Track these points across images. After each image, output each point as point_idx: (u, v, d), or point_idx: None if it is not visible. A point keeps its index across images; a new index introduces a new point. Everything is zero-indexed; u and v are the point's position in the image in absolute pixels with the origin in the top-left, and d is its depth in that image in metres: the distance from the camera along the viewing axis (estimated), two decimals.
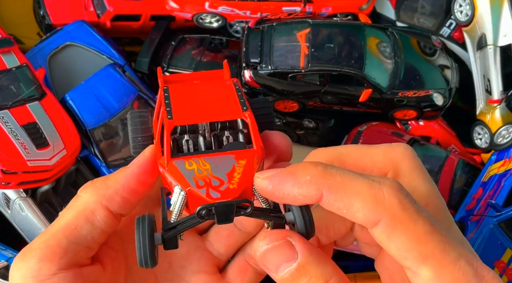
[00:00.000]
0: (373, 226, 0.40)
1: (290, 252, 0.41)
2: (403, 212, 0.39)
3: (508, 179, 1.28)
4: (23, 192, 1.25)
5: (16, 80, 1.27)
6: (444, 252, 0.39)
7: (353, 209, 0.40)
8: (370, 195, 0.40)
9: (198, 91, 0.52)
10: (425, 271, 0.39)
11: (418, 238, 0.39)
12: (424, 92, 1.38)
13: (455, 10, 1.47)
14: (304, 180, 0.41)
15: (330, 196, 0.40)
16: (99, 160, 1.36)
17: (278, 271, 0.41)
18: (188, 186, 0.43)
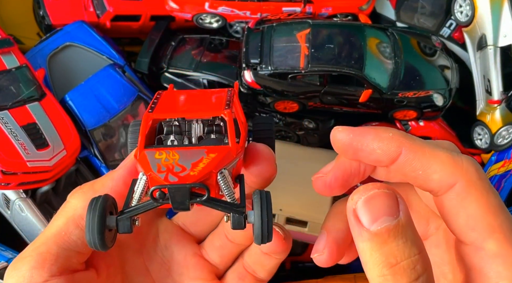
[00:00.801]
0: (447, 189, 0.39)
1: (394, 207, 0.38)
2: (480, 180, 0.39)
3: (508, 180, 1.28)
4: (23, 193, 1.25)
5: (16, 80, 1.27)
6: (510, 231, 0.38)
7: (430, 170, 0.40)
8: (449, 159, 0.40)
9: (189, 95, 0.53)
10: (491, 244, 0.38)
11: (489, 209, 0.38)
12: (424, 93, 1.38)
13: (455, 11, 1.47)
14: (386, 135, 0.41)
15: (409, 154, 0.40)
16: (99, 161, 1.36)
17: (373, 223, 0.38)
18: (149, 171, 0.43)
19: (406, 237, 0.38)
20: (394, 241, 0.37)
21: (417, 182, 0.41)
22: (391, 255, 0.37)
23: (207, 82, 1.45)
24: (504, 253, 0.38)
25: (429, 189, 0.41)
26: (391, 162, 0.41)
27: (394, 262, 0.37)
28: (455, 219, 0.40)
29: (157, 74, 1.48)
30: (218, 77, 1.44)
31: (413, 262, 0.37)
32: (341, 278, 1.29)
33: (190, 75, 1.46)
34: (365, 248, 0.38)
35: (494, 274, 0.38)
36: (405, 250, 0.37)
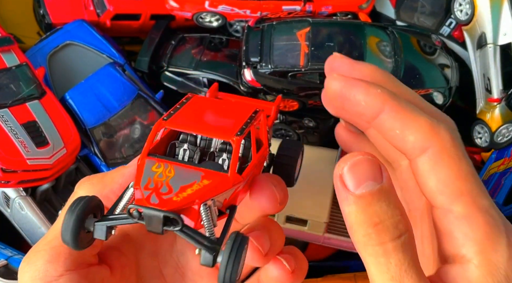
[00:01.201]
0: (421, 153, 0.42)
1: (378, 172, 0.41)
2: (453, 147, 0.42)
3: (508, 178, 1.28)
4: (22, 191, 1.25)
5: (16, 79, 1.27)
6: (479, 196, 0.41)
7: (407, 131, 0.42)
8: (427, 124, 0.42)
9: (215, 107, 0.52)
10: (458, 207, 0.40)
11: (459, 175, 0.41)
12: (424, 91, 1.38)
13: (455, 9, 1.47)
14: (374, 91, 0.45)
15: (391, 112, 0.43)
16: (99, 159, 1.36)
17: (358, 187, 0.40)
18: (138, 184, 0.43)
19: (389, 200, 0.40)
20: (377, 203, 0.40)
21: (394, 141, 0.44)
22: (375, 215, 0.40)
23: (207, 81, 1.45)
24: (470, 215, 0.40)
25: (404, 150, 0.43)
26: (373, 117, 0.44)
27: (378, 221, 0.39)
28: (427, 182, 0.42)
29: (157, 73, 1.48)
30: (218, 76, 1.44)
31: (396, 221, 0.40)
32: (341, 277, 1.29)
33: (190, 74, 1.46)
34: (350, 211, 0.41)
35: (461, 236, 0.40)
36: (388, 211, 0.40)
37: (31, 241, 1.27)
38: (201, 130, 0.46)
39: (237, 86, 1.41)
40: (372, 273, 0.40)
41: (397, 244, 0.39)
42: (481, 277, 0.39)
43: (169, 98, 1.46)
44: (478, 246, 0.40)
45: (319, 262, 1.53)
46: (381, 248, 0.39)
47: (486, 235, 0.40)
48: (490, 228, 0.40)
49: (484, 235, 0.40)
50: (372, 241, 0.40)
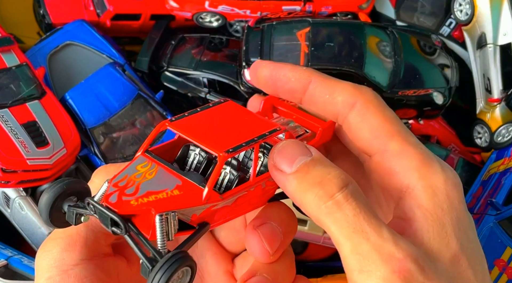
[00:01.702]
0: (350, 109, 0.46)
1: (304, 149, 0.44)
2: (376, 99, 0.47)
3: (508, 178, 1.28)
4: (22, 191, 1.25)
5: (16, 79, 1.27)
6: (407, 134, 0.46)
7: (335, 93, 0.47)
8: (350, 85, 0.48)
9: (234, 118, 0.49)
10: (393, 145, 0.44)
11: (386, 119, 0.46)
12: (424, 91, 1.38)
13: (455, 9, 1.47)
14: (300, 67, 0.50)
15: (318, 81, 0.48)
16: (99, 159, 1.36)
17: (293, 164, 0.42)
18: (111, 180, 0.42)
19: (324, 164, 0.42)
20: (315, 168, 0.42)
21: (327, 107, 0.48)
22: (316, 176, 0.41)
23: (207, 81, 1.45)
24: (405, 149, 0.44)
25: (336, 111, 0.47)
26: (304, 90, 0.48)
27: (320, 180, 0.41)
28: (361, 133, 0.46)
29: (157, 73, 1.48)
30: (218, 76, 1.44)
31: (337, 174, 0.41)
32: (341, 277, 1.29)
33: (190, 74, 1.46)
34: (294, 187, 0.42)
35: (401, 168, 0.43)
36: (326, 170, 0.42)
37: (31, 241, 1.27)
38: (196, 138, 0.44)
39: (237, 86, 1.41)
40: (334, 234, 0.40)
41: (347, 193, 0.40)
42: (428, 199, 0.42)
43: (169, 98, 1.47)
44: (418, 172, 0.43)
45: (319, 262, 1.53)
46: (333, 203, 0.40)
47: (422, 163, 0.43)
48: (423, 157, 0.44)
49: (420, 163, 0.43)
50: (323, 199, 0.40)
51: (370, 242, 0.38)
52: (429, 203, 0.42)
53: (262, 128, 0.47)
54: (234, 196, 0.44)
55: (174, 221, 0.41)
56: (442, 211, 0.41)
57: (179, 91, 1.46)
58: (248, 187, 0.45)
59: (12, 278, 1.17)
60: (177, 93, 1.47)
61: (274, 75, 0.50)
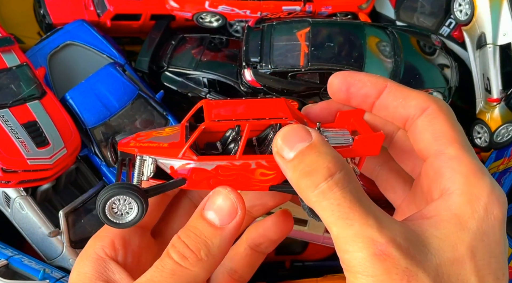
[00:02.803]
0: (422, 112, 0.48)
1: (305, 134, 0.46)
2: (448, 108, 0.49)
3: (507, 177, 1.28)
4: (23, 191, 1.25)
5: (17, 79, 1.27)
6: (467, 146, 0.47)
7: (409, 98, 0.49)
8: (424, 93, 0.50)
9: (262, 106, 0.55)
10: (450, 150, 0.46)
11: (452, 127, 0.48)
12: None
13: (454, 9, 1.47)
14: (375, 75, 0.52)
15: (393, 86, 0.50)
16: (99, 159, 1.36)
17: (291, 150, 0.45)
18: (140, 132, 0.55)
19: (319, 151, 0.44)
20: (308, 157, 0.44)
21: (398, 110, 0.50)
22: (307, 166, 0.44)
23: (207, 81, 1.45)
24: (460, 155, 0.45)
25: (407, 114, 0.50)
26: (378, 94, 0.50)
27: (309, 170, 0.43)
28: (424, 134, 0.48)
29: (157, 73, 1.48)
30: (218, 76, 1.44)
31: (325, 163, 0.43)
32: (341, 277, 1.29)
33: (190, 74, 1.46)
34: (290, 176, 0.45)
35: (449, 171, 0.45)
36: (317, 159, 0.44)
37: (31, 240, 1.27)
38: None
39: (237, 87, 1.42)
40: (324, 219, 0.43)
41: (332, 183, 0.42)
42: (461, 204, 0.43)
43: (169, 98, 1.47)
44: (464, 178, 0.44)
45: (319, 262, 1.53)
46: (319, 192, 0.42)
47: (472, 171, 0.44)
48: (476, 167, 0.45)
49: (470, 171, 0.44)
50: (310, 189, 0.43)
51: (354, 228, 0.41)
52: (459, 207, 0.43)
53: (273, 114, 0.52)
54: (211, 161, 0.51)
55: (151, 165, 0.52)
56: (469, 217, 0.42)
57: (179, 91, 1.46)
58: (230, 159, 0.51)
59: (13, 277, 1.18)
60: (177, 93, 1.47)
61: (348, 80, 0.52)
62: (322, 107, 0.57)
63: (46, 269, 1.18)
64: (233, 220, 0.48)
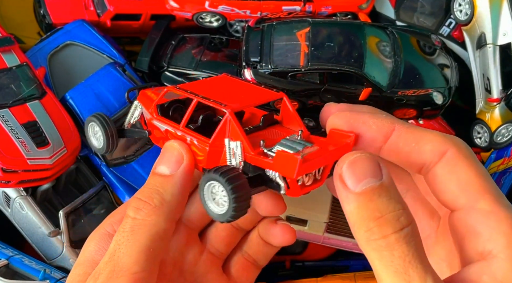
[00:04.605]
0: (440, 158, 0.42)
1: (377, 169, 0.41)
2: (468, 151, 0.44)
3: (507, 177, 1.28)
4: (23, 191, 1.25)
5: (17, 79, 1.27)
6: (499, 195, 0.41)
7: (423, 141, 0.43)
8: (439, 134, 0.44)
9: (217, 86, 0.58)
10: (483, 204, 0.40)
11: (478, 173, 0.42)
12: (423, 91, 1.39)
13: (454, 9, 1.47)
14: (381, 115, 0.46)
15: (402, 129, 0.44)
16: (99, 159, 1.36)
17: (358, 184, 0.41)
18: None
19: (390, 195, 0.41)
20: (379, 198, 0.40)
21: (411, 156, 0.44)
22: (376, 210, 0.40)
23: None
24: (495, 210, 0.40)
25: (422, 161, 0.43)
26: (385, 139, 0.44)
27: (379, 215, 0.40)
28: (447, 185, 0.42)
29: (157, 73, 1.48)
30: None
31: (398, 214, 0.40)
32: (341, 277, 1.29)
33: (190, 74, 1.46)
34: (352, 209, 0.41)
35: (488, 230, 0.40)
36: (389, 206, 0.40)
37: (31, 240, 1.27)
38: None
39: None
40: (377, 268, 0.40)
41: (400, 236, 0.39)
42: (506, 271, 0.39)
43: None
44: (506, 239, 0.39)
45: (319, 262, 1.53)
46: (384, 241, 0.39)
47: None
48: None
49: (511, 229, 0.40)
50: (375, 235, 0.40)
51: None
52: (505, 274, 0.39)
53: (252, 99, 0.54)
54: (163, 123, 0.55)
55: (138, 111, 0.62)
56: None
57: None
58: (175, 128, 0.53)
59: (13, 277, 1.18)
60: None
61: (351, 123, 0.46)
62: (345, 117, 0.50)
63: (46, 269, 1.18)
64: (181, 165, 0.48)
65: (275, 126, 0.54)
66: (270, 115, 0.54)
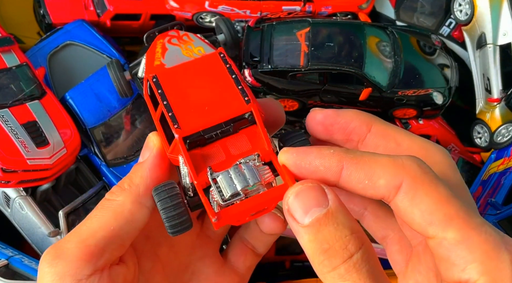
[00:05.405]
0: (395, 191, 0.40)
1: (322, 197, 0.41)
2: (424, 175, 0.40)
3: (507, 177, 1.28)
4: (23, 191, 1.25)
5: (16, 79, 1.27)
6: (468, 216, 0.39)
7: (375, 177, 0.41)
8: (389, 162, 0.41)
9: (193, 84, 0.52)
10: (451, 233, 0.38)
11: (441, 200, 0.39)
12: (424, 91, 1.39)
13: (454, 9, 1.47)
14: (328, 152, 0.43)
15: (351, 166, 0.41)
16: (99, 159, 1.36)
17: (306, 216, 0.40)
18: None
19: (337, 222, 0.40)
20: (326, 228, 0.40)
21: (367, 192, 0.42)
22: (324, 241, 0.39)
23: None
24: (465, 237, 0.38)
25: (380, 196, 0.42)
26: (336, 178, 0.42)
27: (327, 247, 0.39)
28: (412, 218, 0.40)
29: None
30: None
31: (344, 242, 0.39)
32: None
33: None
34: (304, 243, 0.41)
35: (461, 261, 0.38)
36: (336, 234, 0.39)
37: (31, 240, 1.27)
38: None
39: None
40: None
41: (349, 265, 0.39)
42: None
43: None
44: (481, 266, 0.38)
45: None
46: (335, 273, 0.39)
47: (487, 255, 0.38)
48: (489, 246, 0.38)
49: (485, 255, 0.38)
50: (327, 268, 0.39)
51: None
52: None
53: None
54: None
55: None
56: None
57: None
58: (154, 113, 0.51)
59: (13, 278, 1.18)
60: None
61: (298, 164, 0.44)
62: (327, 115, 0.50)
63: None
64: (150, 152, 0.50)
65: (246, 130, 0.50)
66: (242, 122, 0.50)
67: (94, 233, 0.47)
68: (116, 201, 0.49)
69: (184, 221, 0.47)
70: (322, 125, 0.50)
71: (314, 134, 0.51)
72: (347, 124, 0.48)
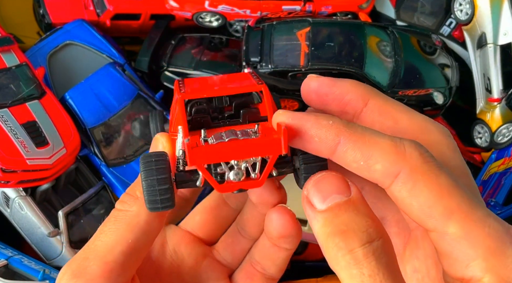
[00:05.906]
0: (392, 180, 0.37)
1: (344, 186, 0.38)
2: (424, 164, 0.37)
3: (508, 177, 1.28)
4: (22, 191, 1.25)
5: (16, 79, 1.27)
6: (471, 208, 0.36)
7: (371, 160, 0.37)
8: (390, 146, 0.37)
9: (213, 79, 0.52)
10: (453, 227, 0.36)
11: (441, 192, 0.36)
12: (424, 91, 1.38)
13: (455, 9, 1.47)
14: (326, 123, 0.39)
15: (349, 143, 0.38)
16: (99, 159, 1.36)
17: (325, 201, 0.37)
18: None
19: (358, 210, 0.37)
20: (345, 213, 0.36)
21: (361, 173, 0.39)
22: (342, 224, 0.36)
23: None
24: (468, 232, 0.36)
25: (374, 180, 0.39)
26: (331, 152, 0.39)
27: (345, 228, 0.36)
28: (410, 209, 0.37)
29: (157, 73, 1.48)
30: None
31: (365, 226, 0.36)
32: None
33: (190, 74, 1.46)
34: (317, 228, 0.37)
35: (464, 257, 0.36)
36: (356, 219, 0.36)
37: (30, 241, 1.27)
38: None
39: None
40: None
41: (368, 251, 0.35)
42: None
43: (169, 98, 1.47)
44: (485, 263, 0.35)
45: (319, 262, 1.53)
46: (351, 257, 0.35)
47: (491, 251, 0.35)
48: (493, 241, 0.36)
49: (489, 251, 0.36)
50: (341, 251, 0.35)
51: None
52: None
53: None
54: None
55: None
56: None
57: None
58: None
59: (12, 278, 1.17)
60: None
61: (295, 128, 0.40)
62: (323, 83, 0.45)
63: (46, 270, 1.18)
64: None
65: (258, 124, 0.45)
66: (251, 112, 0.46)
67: (111, 249, 0.44)
68: (130, 211, 0.46)
69: (166, 199, 0.43)
70: (316, 94, 0.45)
71: (308, 103, 0.47)
72: (343, 96, 0.43)
